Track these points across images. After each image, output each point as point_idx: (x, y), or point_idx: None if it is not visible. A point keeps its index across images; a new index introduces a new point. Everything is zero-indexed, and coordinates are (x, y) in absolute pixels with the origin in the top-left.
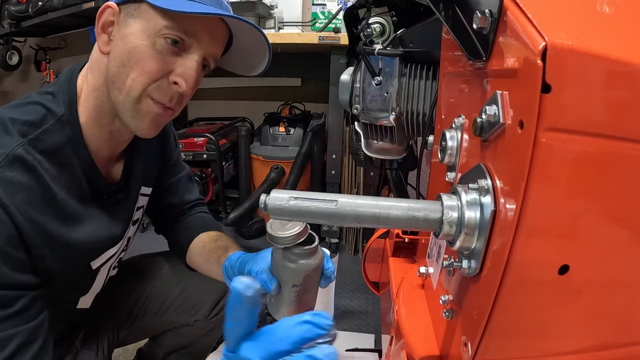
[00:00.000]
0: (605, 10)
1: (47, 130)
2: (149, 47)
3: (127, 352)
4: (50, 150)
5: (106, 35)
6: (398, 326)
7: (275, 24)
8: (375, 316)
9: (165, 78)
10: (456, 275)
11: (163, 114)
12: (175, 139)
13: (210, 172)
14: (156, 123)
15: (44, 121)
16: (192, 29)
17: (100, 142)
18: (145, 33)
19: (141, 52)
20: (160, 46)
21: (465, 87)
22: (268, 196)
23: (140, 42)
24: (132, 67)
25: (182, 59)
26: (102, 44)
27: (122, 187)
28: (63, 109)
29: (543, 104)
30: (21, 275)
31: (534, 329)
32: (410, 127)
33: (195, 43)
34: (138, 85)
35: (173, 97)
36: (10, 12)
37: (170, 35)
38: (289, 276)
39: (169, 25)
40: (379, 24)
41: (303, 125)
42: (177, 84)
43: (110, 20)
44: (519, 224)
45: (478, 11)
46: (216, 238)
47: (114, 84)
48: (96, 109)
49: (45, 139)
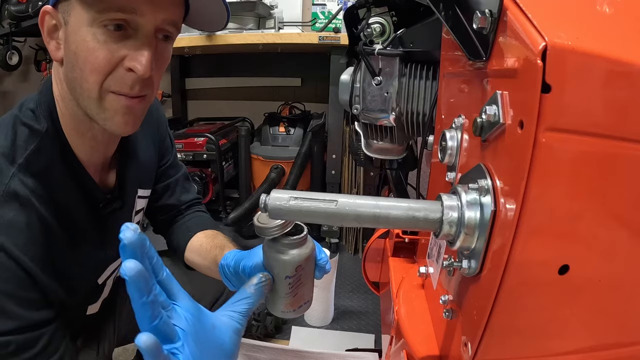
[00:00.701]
0: (605, 10)
1: (35, 150)
2: (90, 41)
3: (127, 352)
4: (41, 171)
5: (54, 41)
6: (398, 326)
7: (275, 24)
8: (375, 316)
9: (119, 67)
10: (456, 275)
11: (131, 105)
12: (171, 140)
13: (210, 172)
14: (129, 115)
15: (29, 142)
16: (127, 3)
17: (87, 150)
18: (83, 26)
19: (85, 48)
20: (101, 35)
21: (465, 87)
22: (268, 196)
23: (81, 39)
24: (81, 68)
25: (131, 40)
26: (53, 51)
27: (117, 195)
28: (45, 123)
29: (543, 104)
30: (37, 313)
31: (534, 329)
32: (410, 127)
33: (137, 17)
34: (93, 85)
35: (134, 84)
36: (10, 12)
37: (106, 20)
38: (280, 268)
39: (101, 9)
40: (379, 24)
41: (303, 125)
42: (133, 70)
43: (53, 24)
44: (519, 224)
45: (478, 11)
46: (213, 237)
47: (74, 89)
48: (72, 118)
49: (34, 160)
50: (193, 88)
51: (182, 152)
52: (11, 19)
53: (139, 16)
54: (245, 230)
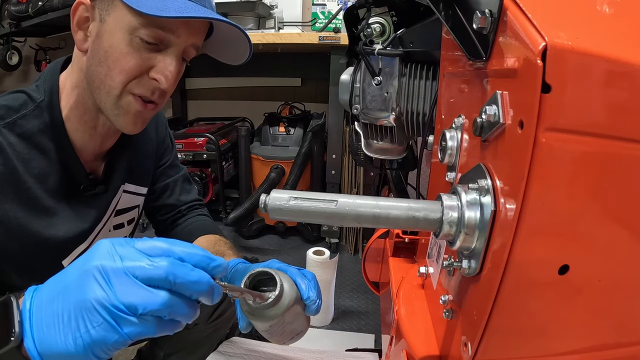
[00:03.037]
0: (605, 10)
1: (26, 115)
2: (126, 45)
3: (127, 352)
4: (26, 134)
5: (82, 32)
6: (398, 326)
7: (275, 24)
8: (375, 316)
9: (145, 74)
10: (456, 275)
11: (145, 110)
12: (172, 141)
13: (210, 172)
14: (140, 118)
15: (23, 106)
16: (169, 24)
17: (85, 137)
18: (121, 31)
19: (118, 50)
20: (137, 44)
21: (465, 87)
22: (268, 196)
23: (117, 40)
24: (110, 66)
25: (162, 54)
26: (80, 41)
27: (101, 180)
28: (43, 95)
29: (543, 104)
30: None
31: (534, 329)
32: (410, 127)
33: (174, 38)
34: (118, 84)
35: (154, 91)
36: (10, 12)
37: (146, 34)
38: (253, 323)
39: (145, 23)
40: (379, 24)
41: (303, 125)
42: (157, 81)
43: (85, 16)
44: (519, 224)
45: (478, 11)
46: (214, 242)
47: (93, 82)
48: (79, 105)
49: (23, 124)
50: (193, 88)
51: (182, 152)
52: (11, 19)
53: (175, 37)
54: (245, 230)
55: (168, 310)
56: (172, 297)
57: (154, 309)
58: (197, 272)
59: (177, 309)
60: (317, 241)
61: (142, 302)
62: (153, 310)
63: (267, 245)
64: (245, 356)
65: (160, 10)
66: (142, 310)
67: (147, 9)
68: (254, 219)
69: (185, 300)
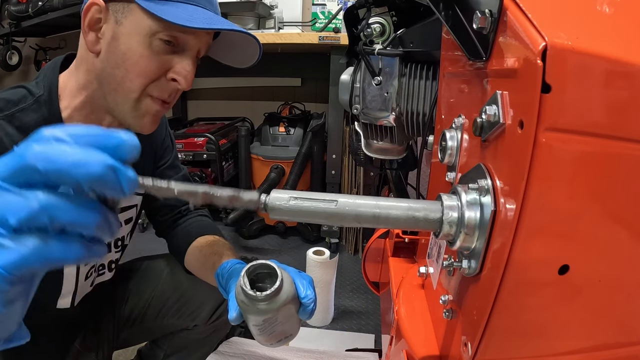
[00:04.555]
0: (605, 10)
1: (24, 108)
2: (145, 49)
3: (127, 352)
4: (24, 127)
5: (94, 33)
6: (398, 326)
7: (275, 24)
8: (375, 316)
9: (162, 76)
10: (456, 275)
11: (161, 110)
12: (172, 141)
13: (210, 172)
14: (156, 118)
15: (22, 100)
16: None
17: None
18: (139, 34)
19: (137, 54)
20: (156, 47)
21: (465, 87)
22: (268, 196)
23: (135, 44)
24: (128, 69)
25: (178, 56)
26: (91, 42)
27: None
28: (42, 90)
29: (543, 104)
30: None
31: (534, 329)
32: (410, 127)
33: (191, 38)
34: (137, 87)
35: (172, 93)
36: (10, 12)
37: (166, 37)
38: (246, 316)
39: (164, 27)
40: (379, 24)
41: (303, 125)
42: (177, 81)
43: (98, 18)
44: (519, 224)
45: (478, 11)
46: (213, 243)
47: (108, 84)
48: (86, 106)
49: (21, 117)
50: (193, 88)
51: (182, 152)
52: (11, 19)
53: (193, 37)
54: (245, 230)
55: (48, 215)
56: (52, 195)
57: (24, 217)
58: (80, 150)
59: (65, 212)
60: (317, 241)
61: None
62: (23, 218)
63: (267, 245)
64: (245, 356)
65: (187, 20)
66: (15, 223)
67: (175, 18)
68: (254, 219)
69: (74, 200)
